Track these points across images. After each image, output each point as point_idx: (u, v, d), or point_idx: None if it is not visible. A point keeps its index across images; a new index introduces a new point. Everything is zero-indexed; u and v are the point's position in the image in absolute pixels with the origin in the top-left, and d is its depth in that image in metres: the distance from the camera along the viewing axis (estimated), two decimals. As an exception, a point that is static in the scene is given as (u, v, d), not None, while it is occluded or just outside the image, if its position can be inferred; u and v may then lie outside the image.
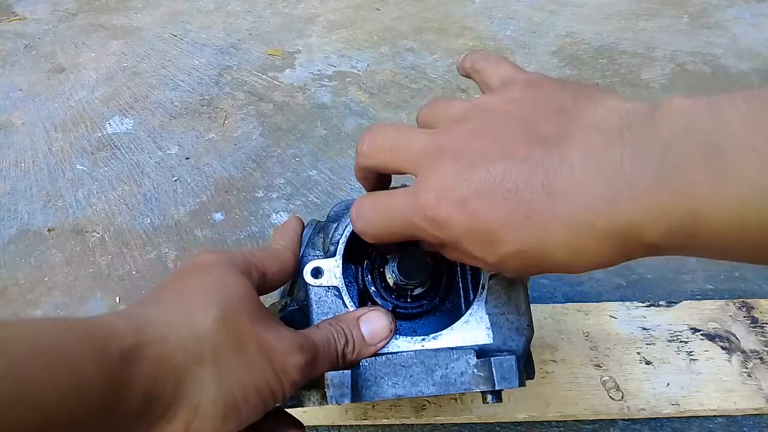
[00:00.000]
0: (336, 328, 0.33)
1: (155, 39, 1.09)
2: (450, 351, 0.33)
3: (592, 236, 0.22)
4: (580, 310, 0.57)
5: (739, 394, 0.51)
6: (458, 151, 0.25)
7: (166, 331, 0.26)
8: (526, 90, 0.27)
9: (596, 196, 0.22)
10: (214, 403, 0.27)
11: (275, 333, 0.30)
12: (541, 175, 0.23)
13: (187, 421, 0.26)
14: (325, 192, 0.75)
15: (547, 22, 1.08)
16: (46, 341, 0.22)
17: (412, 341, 0.34)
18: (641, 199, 0.21)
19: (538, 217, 0.23)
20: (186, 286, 0.30)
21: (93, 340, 0.24)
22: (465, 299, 0.38)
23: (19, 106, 0.92)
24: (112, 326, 0.25)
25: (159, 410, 0.26)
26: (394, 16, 1.12)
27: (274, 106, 0.91)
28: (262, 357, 0.28)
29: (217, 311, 0.28)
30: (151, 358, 0.25)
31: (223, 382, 0.27)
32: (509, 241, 0.24)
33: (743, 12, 1.07)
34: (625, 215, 0.21)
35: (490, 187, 0.24)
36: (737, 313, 0.57)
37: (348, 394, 0.31)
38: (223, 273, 0.30)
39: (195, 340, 0.27)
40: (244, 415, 0.28)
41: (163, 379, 0.25)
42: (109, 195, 0.76)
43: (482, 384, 0.32)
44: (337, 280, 0.35)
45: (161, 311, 0.28)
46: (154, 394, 0.25)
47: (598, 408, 0.50)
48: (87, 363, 0.23)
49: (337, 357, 0.32)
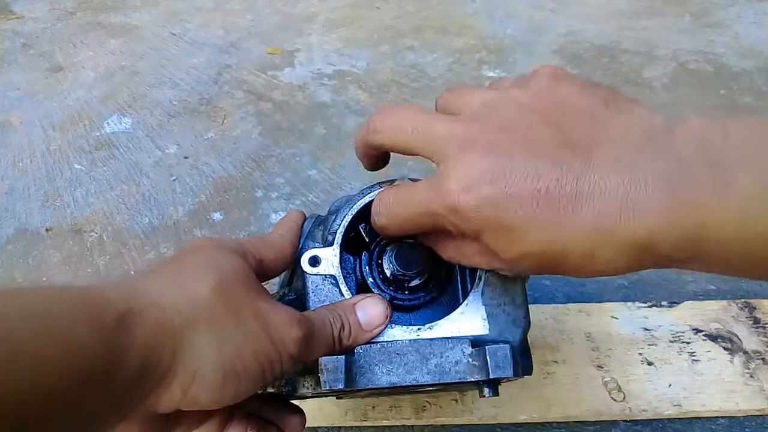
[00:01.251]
0: (332, 312, 0.33)
1: (154, 38, 1.09)
2: (445, 340, 0.33)
3: (611, 244, 0.23)
4: (582, 310, 0.57)
5: (741, 395, 0.50)
6: (489, 144, 0.25)
7: (161, 298, 0.26)
8: (554, 85, 0.27)
9: (619, 205, 0.22)
10: (213, 370, 0.27)
11: (272, 306, 0.30)
12: (571, 180, 0.23)
13: (185, 387, 0.26)
14: (324, 191, 0.75)
15: (549, 20, 1.08)
16: (37, 307, 0.22)
17: (407, 330, 0.34)
18: (658, 210, 0.22)
19: (564, 219, 0.23)
20: (181, 262, 0.30)
21: (86, 306, 0.23)
22: (462, 291, 0.38)
23: (16, 105, 0.92)
24: (105, 293, 0.25)
25: (156, 376, 0.25)
26: (394, 14, 1.12)
27: (274, 105, 0.90)
28: (260, 326, 0.28)
29: (214, 281, 0.28)
30: (147, 323, 0.25)
31: (221, 348, 0.27)
32: (531, 240, 0.24)
33: (746, 10, 1.06)
34: (644, 226, 0.22)
35: (521, 184, 0.24)
36: (739, 314, 0.56)
37: (341, 379, 0.31)
38: (218, 252, 0.30)
39: (191, 306, 0.27)
40: (242, 383, 0.28)
41: (160, 343, 0.25)
42: (107, 195, 0.75)
43: (477, 373, 0.32)
44: (334, 269, 0.35)
45: (156, 281, 0.28)
46: (152, 359, 0.25)
47: (599, 409, 0.50)
48: (80, 327, 0.22)
49: (333, 341, 0.32)
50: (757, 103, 0.85)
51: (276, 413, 0.36)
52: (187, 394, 0.26)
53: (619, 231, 0.22)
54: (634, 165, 0.23)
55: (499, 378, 0.32)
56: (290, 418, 0.36)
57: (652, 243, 0.22)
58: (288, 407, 0.37)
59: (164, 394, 0.26)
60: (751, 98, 0.86)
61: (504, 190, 0.24)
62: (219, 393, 0.27)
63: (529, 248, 0.24)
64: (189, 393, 0.26)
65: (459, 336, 0.34)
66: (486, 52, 1.00)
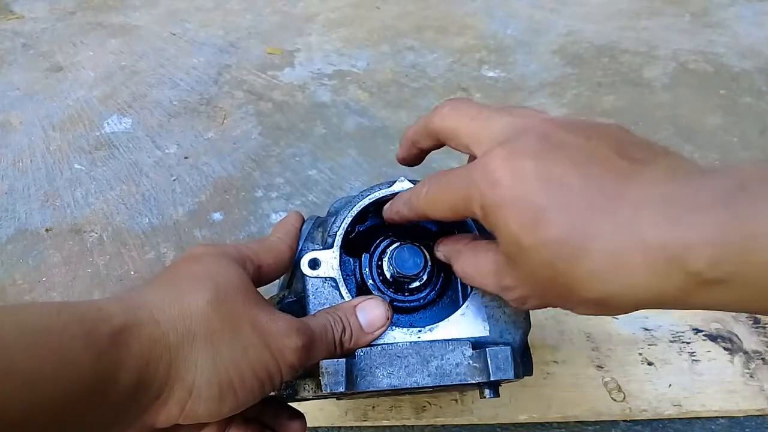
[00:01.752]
0: (333, 316, 0.33)
1: (154, 37, 1.08)
2: (446, 342, 0.33)
3: (640, 248, 0.21)
4: (582, 310, 0.57)
5: (741, 395, 0.50)
6: (544, 133, 0.25)
7: (157, 312, 0.26)
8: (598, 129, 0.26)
9: (658, 209, 0.21)
10: (209, 384, 0.26)
11: (271, 316, 0.29)
12: (621, 182, 0.22)
13: (182, 403, 0.26)
14: (324, 192, 0.75)
15: (549, 20, 1.08)
16: (32, 324, 0.22)
17: (408, 333, 0.34)
18: (702, 220, 0.20)
19: (597, 210, 0.22)
20: (177, 273, 0.30)
21: (81, 322, 0.23)
22: (463, 292, 0.38)
23: (16, 106, 0.92)
24: (101, 308, 0.25)
25: (152, 392, 0.25)
26: (395, 14, 1.12)
27: (274, 105, 0.90)
28: (258, 338, 0.28)
29: (210, 294, 0.28)
30: (142, 338, 0.25)
31: (218, 362, 0.27)
32: (557, 225, 0.23)
33: (745, 10, 1.06)
34: (681, 232, 0.21)
35: (564, 168, 0.23)
36: (739, 314, 0.56)
37: (342, 382, 0.31)
38: (215, 261, 0.30)
39: (187, 321, 0.27)
40: (241, 397, 0.28)
41: (155, 358, 0.25)
42: (107, 195, 0.75)
43: (477, 375, 0.32)
44: (334, 271, 0.35)
45: (152, 294, 0.28)
46: (147, 375, 0.25)
47: (599, 409, 0.50)
48: (75, 344, 0.22)
49: (335, 345, 0.32)
50: (757, 103, 0.85)
51: (275, 418, 0.36)
52: (184, 409, 0.26)
53: (649, 237, 0.21)
54: (688, 183, 0.21)
55: (500, 380, 0.32)
56: (290, 423, 0.36)
57: (686, 254, 0.20)
58: (288, 411, 0.37)
59: (161, 410, 0.26)
60: (751, 98, 0.86)
61: (545, 168, 0.24)
62: (217, 407, 0.27)
63: (553, 233, 0.23)
64: (187, 408, 0.26)
65: (459, 338, 0.34)
66: (486, 52, 1.00)
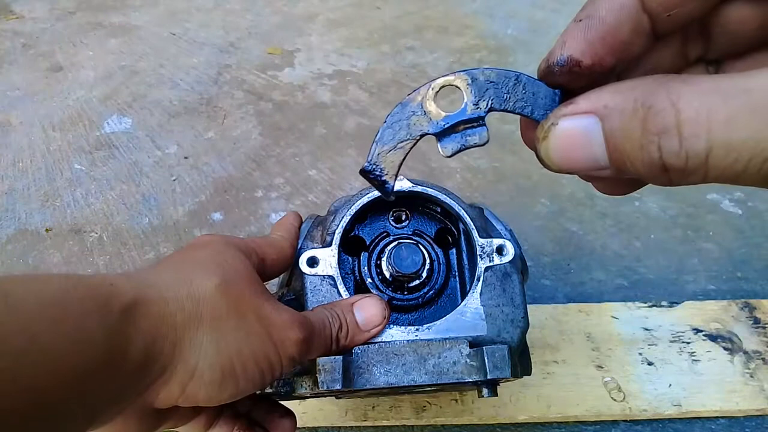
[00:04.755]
0: (330, 312, 0.33)
1: (154, 37, 1.08)
2: (443, 341, 0.33)
3: None
4: (582, 310, 0.57)
5: (741, 394, 0.50)
6: None
7: (165, 291, 0.27)
8: None
9: None
10: (212, 368, 0.27)
11: (275, 306, 0.30)
12: None
13: (183, 383, 0.27)
14: (324, 191, 0.75)
15: (549, 20, 1.08)
16: (52, 296, 0.23)
17: (406, 331, 0.34)
18: None
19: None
20: (186, 258, 0.30)
21: (96, 296, 0.24)
22: (461, 291, 0.38)
23: (16, 106, 0.92)
24: (113, 284, 0.25)
25: (156, 370, 0.26)
26: (395, 14, 1.12)
27: (274, 105, 0.90)
28: (262, 327, 0.29)
29: (218, 279, 0.28)
30: (150, 315, 0.25)
31: (221, 348, 0.27)
32: None
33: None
34: None
35: None
36: (739, 314, 0.56)
37: (339, 379, 0.31)
38: (222, 249, 0.31)
39: (195, 302, 0.27)
40: (241, 384, 0.28)
41: (162, 336, 0.26)
42: (107, 195, 0.75)
43: (474, 373, 0.32)
44: (332, 269, 0.36)
45: (161, 274, 0.28)
46: (153, 351, 0.25)
47: (599, 409, 0.50)
48: (90, 317, 0.23)
49: (331, 341, 0.32)
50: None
51: (267, 415, 0.36)
52: (185, 391, 0.27)
53: None
54: None
55: (497, 378, 0.32)
56: (280, 421, 0.36)
57: None
58: (279, 409, 0.37)
59: (162, 390, 0.26)
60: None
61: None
62: (217, 391, 0.27)
63: None
64: (187, 390, 0.27)
65: (457, 336, 0.34)
66: (486, 52, 1.00)
